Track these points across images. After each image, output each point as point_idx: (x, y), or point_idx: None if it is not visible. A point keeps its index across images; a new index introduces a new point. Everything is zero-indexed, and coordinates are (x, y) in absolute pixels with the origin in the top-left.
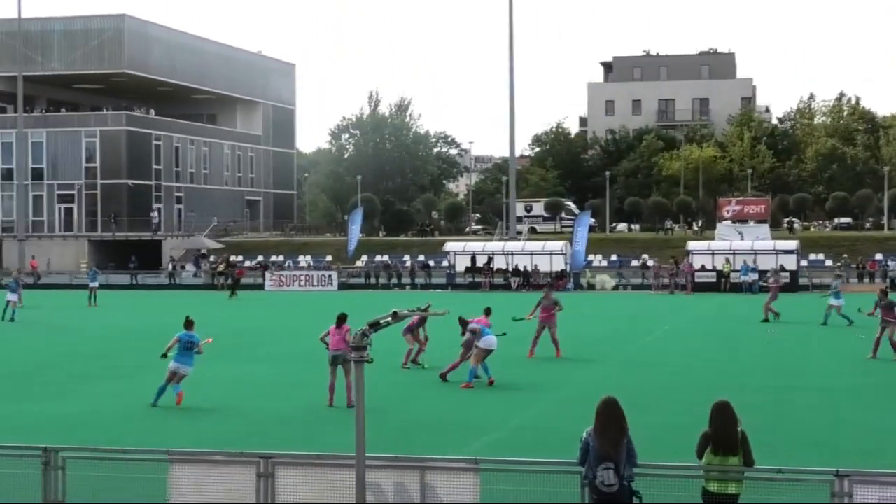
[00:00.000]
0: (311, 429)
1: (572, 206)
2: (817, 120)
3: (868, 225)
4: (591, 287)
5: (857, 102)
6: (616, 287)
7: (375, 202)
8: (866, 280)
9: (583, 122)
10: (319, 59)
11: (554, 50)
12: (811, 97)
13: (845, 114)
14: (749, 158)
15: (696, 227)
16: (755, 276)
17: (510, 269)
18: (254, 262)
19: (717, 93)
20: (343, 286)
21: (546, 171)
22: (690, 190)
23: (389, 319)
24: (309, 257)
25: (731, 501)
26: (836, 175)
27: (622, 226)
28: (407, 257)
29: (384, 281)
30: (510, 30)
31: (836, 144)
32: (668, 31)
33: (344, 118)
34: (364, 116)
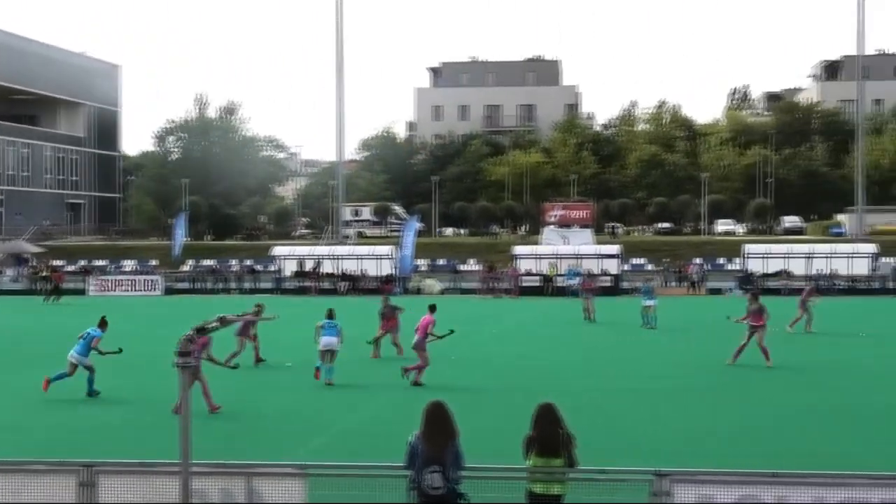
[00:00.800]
0: (136, 435)
1: (400, 210)
2: (639, 127)
3: (687, 230)
4: (419, 291)
5: (677, 110)
6: (443, 291)
7: (202, 206)
8: (685, 284)
9: (411, 126)
10: (146, 61)
11: (382, 54)
12: (633, 105)
13: (666, 121)
14: (573, 164)
15: (521, 232)
16: (579, 279)
17: (338, 273)
18: (76, 266)
19: (543, 99)
20: (169, 291)
21: (374, 175)
22: (516, 195)
23: (216, 324)
24: (134, 261)
25: (555, 502)
26: (657, 181)
27: (449, 230)
28: (234, 261)
29: (211, 285)
30: (338, 34)
31: (656, 151)
32: (494, 38)
33: (170, 121)
34: (191, 119)
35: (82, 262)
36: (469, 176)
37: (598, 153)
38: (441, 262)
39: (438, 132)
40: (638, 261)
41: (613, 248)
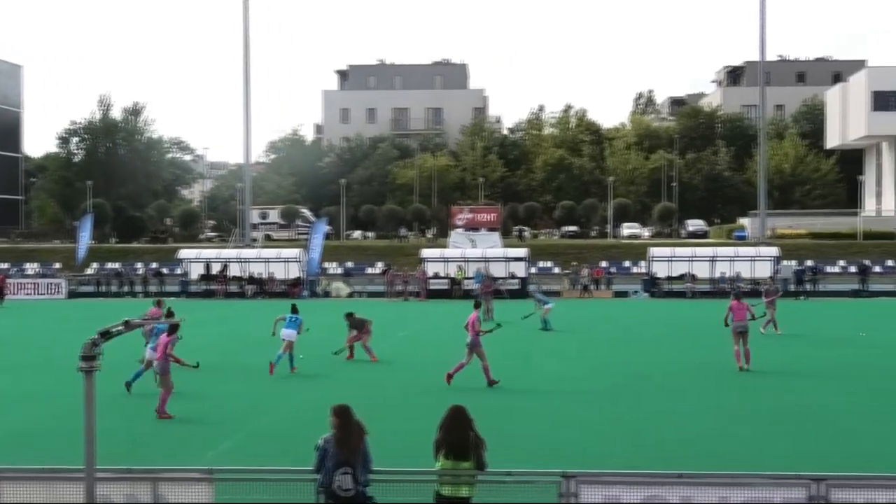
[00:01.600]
0: (41, 441)
1: (308, 213)
2: (546, 131)
3: (594, 233)
4: (327, 294)
5: (584, 115)
6: (351, 294)
7: (107, 208)
8: (593, 287)
9: (318, 129)
10: (49, 61)
11: (290, 57)
12: (541, 109)
13: (572, 126)
14: (481, 168)
15: (429, 235)
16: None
17: (245, 276)
18: None
19: (450, 103)
20: (73, 294)
21: (282, 178)
22: (424, 198)
23: (121, 328)
24: (36, 265)
25: None
26: (564, 185)
27: (357, 233)
28: (139, 265)
29: (116, 289)
30: (245, 35)
31: (563, 155)
32: (402, 41)
33: (74, 122)
34: (95, 121)
35: None
36: (377, 179)
37: (505, 157)
38: (349, 264)
39: (346, 135)
40: (545, 264)
41: (521, 252)
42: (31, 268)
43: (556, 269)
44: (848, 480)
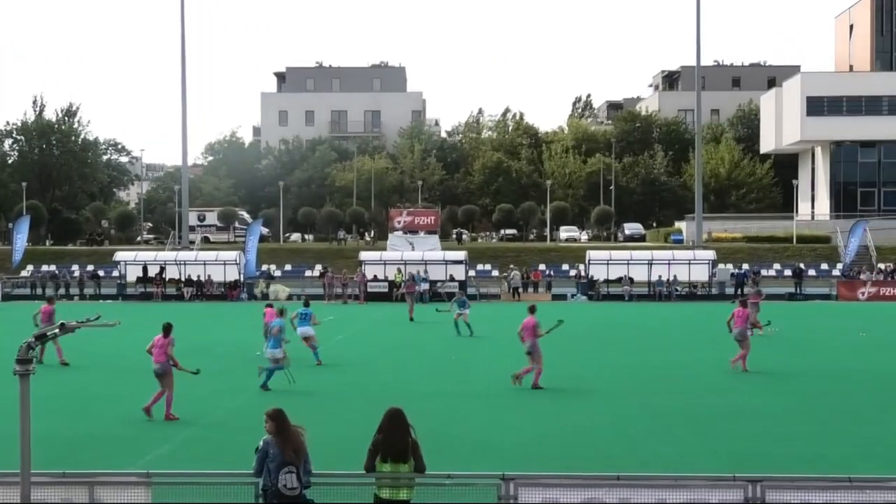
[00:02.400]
0: None
1: (246, 215)
2: (484, 134)
3: (532, 236)
4: (266, 297)
5: (521, 118)
6: (290, 297)
7: (42, 210)
8: (531, 290)
9: (256, 131)
10: None
11: (228, 58)
12: (479, 112)
13: (510, 129)
14: (419, 170)
15: (368, 238)
16: (426, 285)
17: (183, 279)
18: None
19: (389, 105)
20: (7, 297)
21: (219, 180)
22: (363, 201)
23: (57, 331)
24: None
25: None
26: (502, 188)
27: (296, 236)
28: (75, 267)
29: (51, 292)
30: (182, 36)
31: (501, 158)
32: (340, 44)
33: (7, 123)
34: (28, 122)
35: None
36: (315, 181)
37: (444, 160)
38: (288, 267)
39: (284, 137)
40: (484, 267)
41: (459, 255)
42: None
43: (495, 272)
44: (783, 482)
